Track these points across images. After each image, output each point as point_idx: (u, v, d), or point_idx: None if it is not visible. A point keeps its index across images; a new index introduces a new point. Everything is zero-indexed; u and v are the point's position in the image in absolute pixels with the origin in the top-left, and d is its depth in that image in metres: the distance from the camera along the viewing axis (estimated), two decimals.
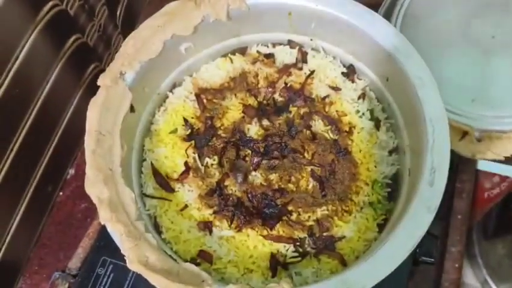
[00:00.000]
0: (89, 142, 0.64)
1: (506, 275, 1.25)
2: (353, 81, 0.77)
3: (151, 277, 0.55)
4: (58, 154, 0.87)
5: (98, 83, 0.68)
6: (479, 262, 1.28)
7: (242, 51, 0.80)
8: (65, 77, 0.85)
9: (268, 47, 0.80)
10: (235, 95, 0.76)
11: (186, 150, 0.71)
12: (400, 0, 0.85)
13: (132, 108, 0.70)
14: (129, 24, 1.07)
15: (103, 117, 0.65)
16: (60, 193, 0.89)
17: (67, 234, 0.84)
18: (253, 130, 0.72)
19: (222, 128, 0.73)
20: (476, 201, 0.84)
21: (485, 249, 1.28)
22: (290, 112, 0.73)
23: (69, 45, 0.85)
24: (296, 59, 0.77)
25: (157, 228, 0.68)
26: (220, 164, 0.70)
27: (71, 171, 0.91)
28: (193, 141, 0.71)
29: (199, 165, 0.70)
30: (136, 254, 0.57)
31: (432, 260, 0.74)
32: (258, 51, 0.80)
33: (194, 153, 0.71)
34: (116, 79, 0.68)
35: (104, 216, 0.59)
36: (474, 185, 0.85)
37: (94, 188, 0.61)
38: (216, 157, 0.70)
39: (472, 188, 0.85)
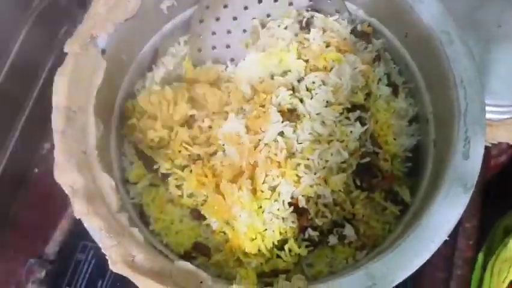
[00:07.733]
0: (57, 121, 0.55)
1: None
2: (367, 42, 0.67)
3: (139, 281, 0.47)
4: (31, 127, 0.78)
5: (65, 49, 0.58)
6: None
7: None
8: (34, 40, 0.76)
9: None
10: None
11: None
12: None
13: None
14: None
15: (73, 90, 0.56)
16: (36, 169, 0.81)
17: (45, 215, 0.75)
18: None
19: None
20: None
21: None
22: None
23: (36, 4, 0.76)
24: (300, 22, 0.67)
25: (144, 219, 0.60)
26: None
27: (47, 146, 0.82)
28: None
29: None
30: (120, 253, 0.49)
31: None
32: None
33: None
34: (87, 44, 0.58)
35: (79, 210, 0.51)
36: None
37: (66, 175, 0.52)
38: None
39: (488, 155, 0.78)
